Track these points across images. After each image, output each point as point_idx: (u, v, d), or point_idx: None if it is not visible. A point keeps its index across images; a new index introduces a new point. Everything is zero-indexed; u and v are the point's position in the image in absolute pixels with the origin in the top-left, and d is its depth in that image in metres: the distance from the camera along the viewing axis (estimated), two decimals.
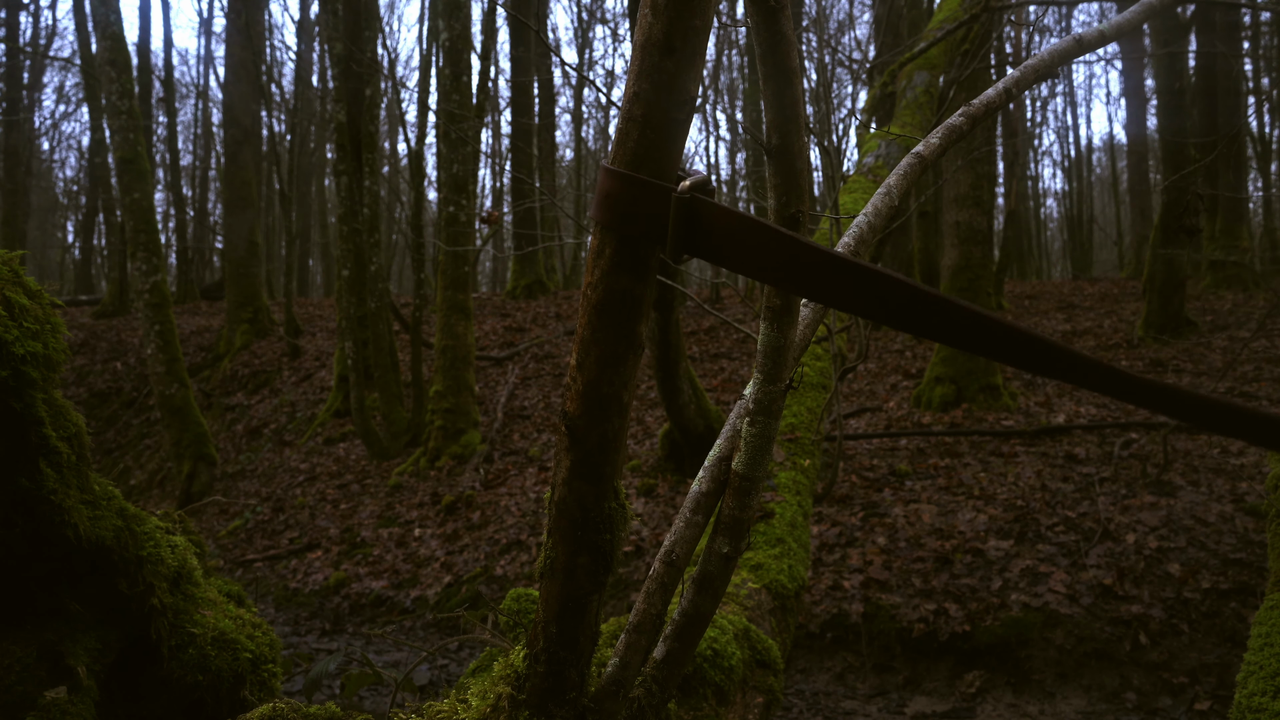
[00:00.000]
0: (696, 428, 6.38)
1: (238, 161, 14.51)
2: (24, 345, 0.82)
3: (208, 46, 23.16)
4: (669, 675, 1.07)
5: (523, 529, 6.73)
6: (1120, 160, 27.20)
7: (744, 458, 1.05)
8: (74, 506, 0.89)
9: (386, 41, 11.10)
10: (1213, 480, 5.48)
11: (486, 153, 23.44)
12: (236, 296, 14.19)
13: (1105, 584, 4.56)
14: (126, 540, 0.97)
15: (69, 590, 0.93)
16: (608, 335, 0.77)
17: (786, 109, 0.84)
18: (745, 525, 1.06)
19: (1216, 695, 3.89)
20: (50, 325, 0.87)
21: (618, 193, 0.71)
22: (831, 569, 5.14)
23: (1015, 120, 15.44)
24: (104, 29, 8.79)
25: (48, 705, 0.86)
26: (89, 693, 0.91)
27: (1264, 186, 18.10)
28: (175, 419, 9.26)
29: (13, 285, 0.84)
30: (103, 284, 22.95)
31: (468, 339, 9.08)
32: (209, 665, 1.08)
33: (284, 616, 6.46)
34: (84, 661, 0.92)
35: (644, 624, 1.03)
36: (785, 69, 0.81)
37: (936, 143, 1.29)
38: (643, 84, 0.69)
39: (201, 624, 1.09)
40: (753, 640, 1.60)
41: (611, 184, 0.71)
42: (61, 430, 0.89)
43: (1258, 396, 7.14)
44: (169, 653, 1.03)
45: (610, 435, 0.81)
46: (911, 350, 10.31)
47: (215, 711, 1.11)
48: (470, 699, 0.99)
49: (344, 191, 9.37)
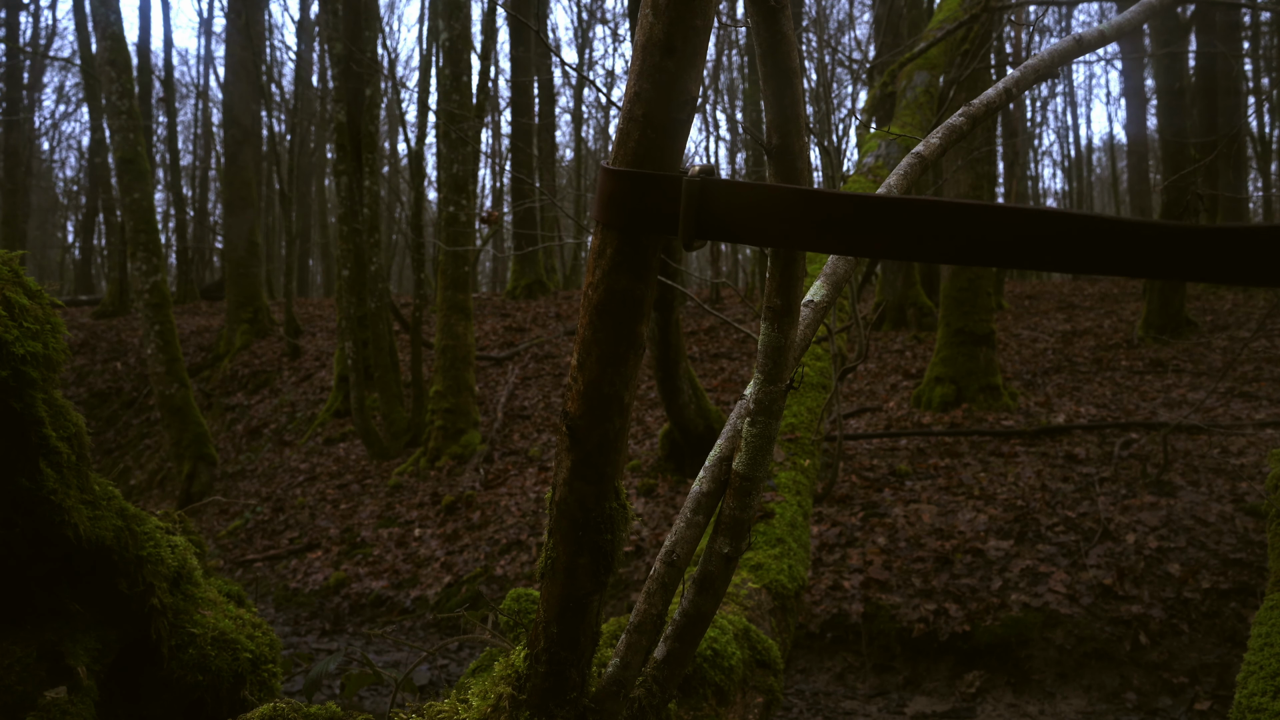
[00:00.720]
0: (696, 428, 6.38)
1: (238, 161, 14.51)
2: (24, 345, 0.82)
3: (208, 46, 23.17)
4: (670, 675, 1.07)
5: (523, 529, 6.73)
6: (1120, 160, 27.20)
7: (745, 458, 1.05)
8: (74, 506, 0.89)
9: (386, 41, 11.10)
10: (1213, 480, 5.48)
11: (486, 153, 23.45)
12: (236, 296, 14.20)
13: (1105, 584, 4.56)
14: (126, 540, 0.97)
15: (69, 590, 0.93)
16: (609, 335, 0.77)
17: (787, 109, 0.84)
18: (746, 525, 1.06)
19: (1216, 695, 3.89)
20: (50, 325, 0.87)
21: (623, 191, 0.71)
22: (831, 569, 5.14)
23: (1015, 120, 15.44)
24: (104, 29, 8.79)
25: (48, 705, 0.86)
26: (89, 693, 0.91)
27: (1264, 186, 18.10)
28: (175, 419, 9.26)
29: (13, 285, 0.84)
30: (103, 284, 22.96)
31: (468, 339, 9.08)
32: (209, 665, 1.08)
33: (284, 616, 6.46)
34: (84, 661, 0.92)
35: (645, 624, 1.03)
36: (785, 69, 0.81)
37: (937, 143, 1.29)
38: (644, 84, 0.69)
39: (201, 624, 1.09)
40: (753, 640, 1.60)
41: (615, 184, 0.71)
42: (61, 430, 0.89)
43: (1257, 396, 7.14)
44: (169, 653, 1.03)
45: (611, 435, 0.81)
46: (911, 350, 10.31)
47: (215, 711, 1.10)
48: (471, 699, 0.99)
49: (344, 192, 9.38)
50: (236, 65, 14.63)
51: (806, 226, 0.67)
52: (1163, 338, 9.27)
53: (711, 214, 0.70)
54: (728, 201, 0.69)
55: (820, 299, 1.14)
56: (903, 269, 11.55)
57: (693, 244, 0.72)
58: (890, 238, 0.63)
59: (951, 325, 8.09)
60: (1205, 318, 9.98)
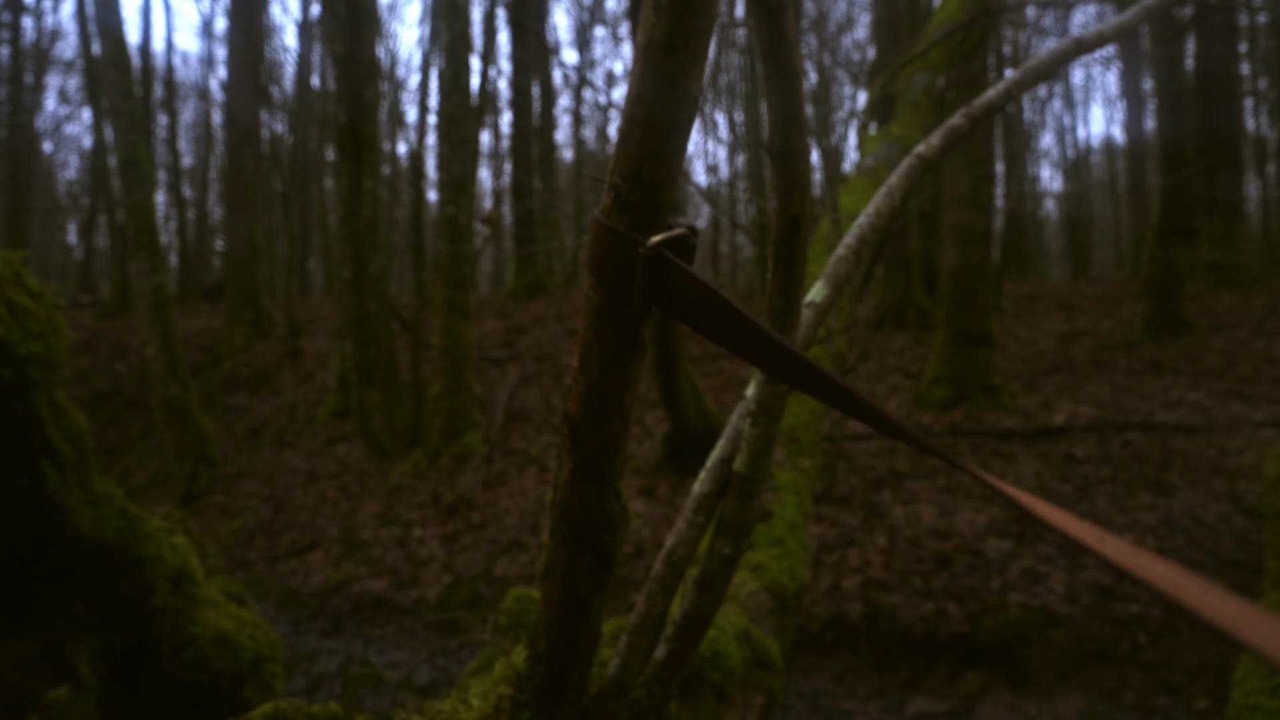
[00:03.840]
0: (697, 429, 6.39)
1: (238, 162, 14.51)
2: (27, 346, 0.82)
3: (209, 48, 23.20)
4: (670, 676, 1.07)
5: (523, 530, 6.73)
6: (1118, 161, 27.21)
7: (746, 459, 1.05)
8: (76, 507, 0.89)
9: (387, 43, 11.09)
10: (1211, 480, 5.48)
11: (486, 153, 23.45)
12: (237, 297, 14.20)
13: (1104, 584, 4.56)
14: (128, 540, 0.97)
15: (71, 590, 0.93)
16: (609, 337, 0.77)
17: (788, 110, 0.84)
18: (747, 526, 1.06)
19: (1214, 694, 3.89)
20: (52, 326, 0.88)
21: (595, 238, 0.72)
22: (831, 569, 5.14)
23: (1014, 121, 15.45)
24: (106, 31, 8.80)
25: (50, 704, 0.87)
26: (91, 692, 0.91)
27: (1262, 187, 18.11)
28: (176, 419, 9.26)
29: (15, 286, 0.85)
30: (104, 285, 22.96)
31: (468, 340, 9.08)
32: (210, 665, 1.08)
33: (284, 617, 6.46)
34: (86, 661, 0.92)
35: (645, 625, 1.03)
36: (787, 70, 0.81)
37: (937, 143, 1.29)
38: (645, 85, 0.69)
39: (203, 624, 1.09)
40: (753, 640, 1.60)
41: (593, 230, 0.72)
42: (63, 431, 0.89)
43: (1255, 397, 7.14)
44: (170, 652, 1.03)
45: (612, 436, 0.81)
46: (911, 351, 10.31)
47: (217, 711, 1.11)
48: (472, 699, 0.99)
49: (344, 193, 9.38)
50: (237, 66, 14.64)
51: (729, 340, 0.70)
52: (1161, 338, 9.27)
53: (666, 287, 0.71)
54: (675, 284, 0.70)
55: (821, 300, 1.14)
56: (903, 269, 11.55)
57: (646, 314, 0.73)
58: (796, 381, 0.69)
59: (951, 326, 8.09)
60: (1203, 318, 9.98)
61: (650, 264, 0.70)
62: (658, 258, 0.70)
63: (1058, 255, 31.74)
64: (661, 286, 0.71)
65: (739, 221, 15.33)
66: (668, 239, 0.70)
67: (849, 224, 1.49)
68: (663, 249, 0.70)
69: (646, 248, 0.70)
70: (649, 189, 0.71)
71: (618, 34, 23.18)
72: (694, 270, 0.71)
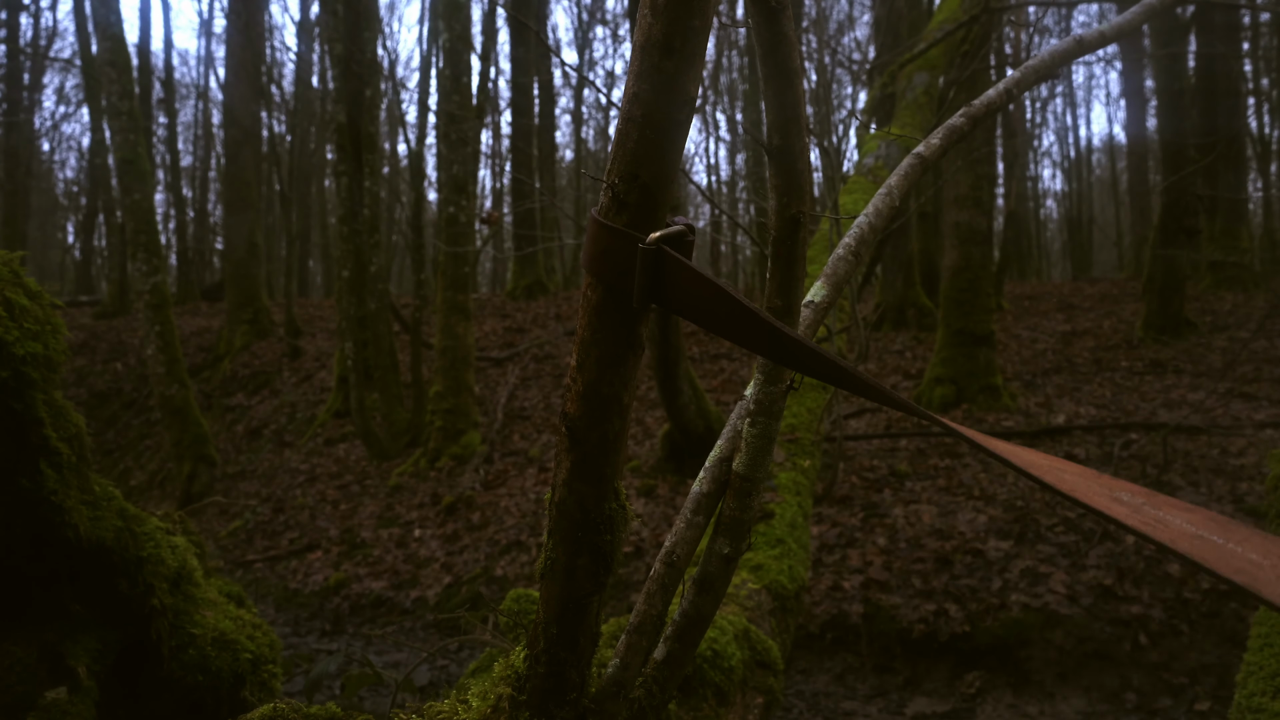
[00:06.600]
0: (696, 428, 6.38)
1: (238, 162, 14.51)
2: (25, 346, 0.82)
3: (208, 47, 23.15)
4: (670, 676, 1.07)
5: (523, 529, 6.73)
6: (1120, 161, 27.20)
7: (745, 458, 1.05)
8: (74, 507, 0.89)
9: (387, 42, 11.09)
10: (1212, 481, 5.48)
11: (486, 153, 23.44)
12: (237, 297, 14.20)
13: (1105, 584, 4.56)
14: (127, 541, 0.97)
15: (70, 590, 0.93)
16: (608, 336, 0.77)
17: (788, 110, 0.84)
18: (746, 526, 1.06)
19: (1216, 695, 3.89)
20: (51, 326, 0.87)
21: (593, 237, 0.72)
22: (831, 569, 5.14)
23: (1015, 121, 15.45)
24: (104, 30, 8.79)
25: (48, 705, 0.86)
26: (89, 693, 0.91)
27: (1264, 187, 18.10)
28: (175, 420, 9.26)
29: (13, 286, 0.84)
30: (103, 285, 22.95)
31: (468, 340, 9.08)
32: (209, 666, 1.08)
33: (284, 617, 6.45)
34: (84, 662, 0.92)
35: (644, 625, 1.03)
36: (786, 70, 0.81)
37: (937, 143, 1.29)
38: (642, 85, 0.69)
39: (202, 624, 1.09)
40: (752, 641, 1.60)
41: (591, 229, 0.72)
42: (62, 431, 0.89)
43: (1257, 397, 7.14)
44: (169, 653, 1.03)
45: (611, 436, 0.81)
46: (911, 351, 10.31)
47: (216, 712, 1.10)
48: (471, 699, 0.99)
49: (344, 192, 9.37)
50: (237, 66, 14.64)
51: (745, 333, 0.71)
52: (1162, 338, 9.27)
53: (666, 282, 0.71)
54: (676, 279, 0.71)
55: (821, 299, 1.14)
56: (903, 269, 11.55)
57: (646, 309, 0.73)
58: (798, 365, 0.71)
59: (951, 326, 8.09)
60: (1205, 318, 9.97)
61: (650, 260, 0.70)
62: (657, 253, 0.70)
63: (1058, 255, 31.75)
64: (661, 282, 0.71)
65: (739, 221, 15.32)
66: (667, 235, 0.71)
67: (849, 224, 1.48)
68: (662, 245, 0.70)
69: (646, 244, 0.70)
70: (647, 188, 0.71)
71: (618, 34, 23.18)
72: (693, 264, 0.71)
